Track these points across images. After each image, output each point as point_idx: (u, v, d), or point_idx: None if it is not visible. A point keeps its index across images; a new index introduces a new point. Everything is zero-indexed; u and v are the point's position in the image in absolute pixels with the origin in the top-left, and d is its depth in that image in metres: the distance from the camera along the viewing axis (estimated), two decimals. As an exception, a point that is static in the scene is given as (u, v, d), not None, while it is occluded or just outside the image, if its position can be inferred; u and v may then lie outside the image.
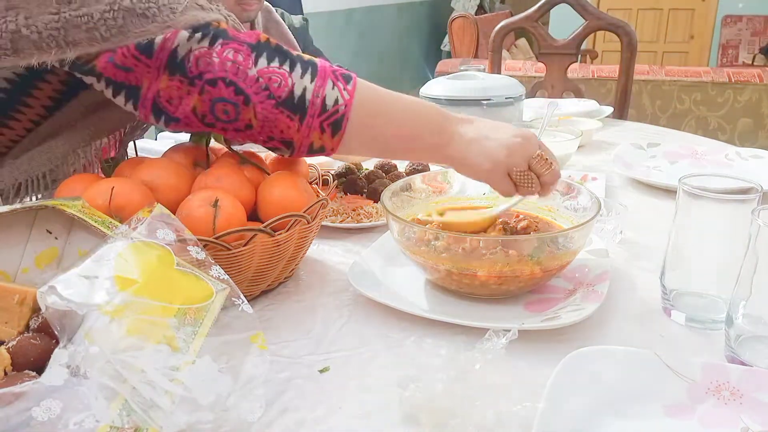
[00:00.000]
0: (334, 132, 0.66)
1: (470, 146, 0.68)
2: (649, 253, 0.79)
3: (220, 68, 0.63)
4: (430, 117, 0.69)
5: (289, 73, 0.64)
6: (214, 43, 0.63)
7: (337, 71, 0.67)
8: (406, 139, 0.70)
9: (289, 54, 0.66)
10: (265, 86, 0.63)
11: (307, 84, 0.64)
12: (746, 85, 2.69)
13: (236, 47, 0.63)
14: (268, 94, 0.64)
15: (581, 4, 1.81)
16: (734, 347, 0.55)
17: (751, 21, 5.26)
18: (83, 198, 0.56)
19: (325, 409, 0.51)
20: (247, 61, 0.63)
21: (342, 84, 0.66)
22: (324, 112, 0.65)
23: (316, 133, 0.65)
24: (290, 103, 0.64)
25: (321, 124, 0.65)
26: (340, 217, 0.90)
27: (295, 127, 0.65)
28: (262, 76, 0.63)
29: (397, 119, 0.69)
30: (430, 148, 0.70)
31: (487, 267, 0.64)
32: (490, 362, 0.50)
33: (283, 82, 0.64)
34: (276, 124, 0.65)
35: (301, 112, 0.64)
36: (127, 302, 0.43)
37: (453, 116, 0.70)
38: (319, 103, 0.64)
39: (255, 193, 0.73)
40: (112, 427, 0.37)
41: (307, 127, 0.65)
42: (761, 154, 1.18)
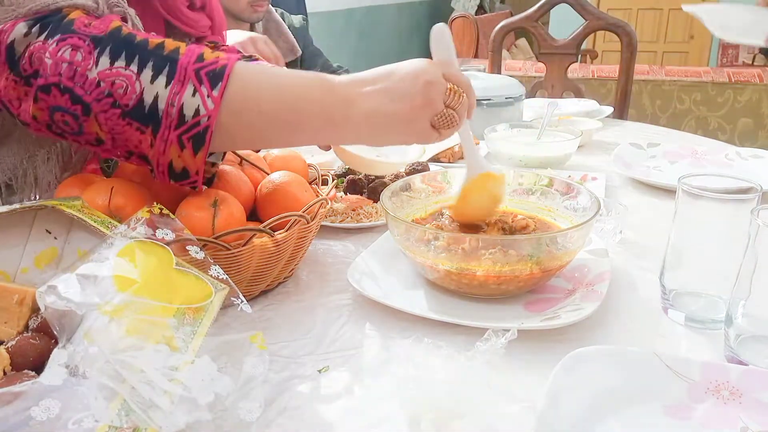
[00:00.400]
0: (196, 148, 0.55)
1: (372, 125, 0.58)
2: (648, 253, 0.79)
3: (53, 71, 0.53)
4: (317, 102, 0.57)
5: (137, 75, 0.53)
6: (52, 36, 0.54)
7: (203, 69, 0.55)
8: (291, 135, 0.60)
9: (141, 48, 0.55)
10: (107, 92, 0.53)
11: (159, 90, 0.54)
12: (746, 85, 2.69)
13: (75, 43, 0.54)
14: (112, 102, 0.53)
15: (581, 4, 1.81)
16: (734, 347, 0.55)
17: (751, 21, 5.25)
18: (83, 198, 0.56)
19: (324, 410, 0.51)
20: (87, 60, 0.53)
21: (207, 88, 0.54)
22: (182, 124, 0.54)
23: (174, 148, 0.55)
24: (139, 113, 0.54)
25: (179, 138, 0.55)
26: (340, 217, 0.90)
27: (148, 142, 0.55)
28: (104, 79, 0.53)
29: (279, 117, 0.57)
30: (324, 139, 0.62)
31: (487, 267, 0.63)
32: (489, 362, 0.50)
33: (129, 87, 0.53)
34: (126, 137, 0.55)
35: (153, 123, 0.54)
36: (126, 302, 0.43)
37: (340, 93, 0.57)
38: (175, 113, 0.54)
39: (255, 193, 0.73)
40: (111, 427, 0.37)
41: (162, 142, 0.55)
42: (761, 154, 1.18)
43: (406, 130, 0.60)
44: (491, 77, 1.57)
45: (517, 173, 0.84)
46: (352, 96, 0.57)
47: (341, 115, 0.58)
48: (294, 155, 0.84)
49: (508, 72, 2.64)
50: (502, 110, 1.38)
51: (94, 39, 0.54)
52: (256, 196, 0.73)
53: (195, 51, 0.56)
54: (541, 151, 1.16)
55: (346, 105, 0.57)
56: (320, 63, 1.93)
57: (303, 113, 0.57)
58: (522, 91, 1.43)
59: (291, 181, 0.73)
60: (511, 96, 1.40)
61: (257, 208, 0.73)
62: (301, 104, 0.57)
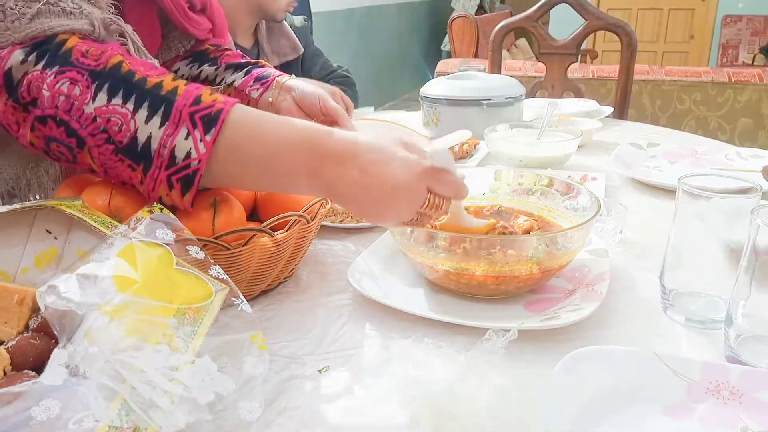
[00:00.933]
0: (184, 189, 0.56)
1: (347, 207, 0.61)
2: (648, 253, 0.79)
3: (50, 104, 0.54)
4: (303, 174, 0.57)
5: (133, 114, 0.54)
6: (49, 66, 0.54)
7: (198, 113, 0.55)
8: (274, 188, 0.64)
9: (139, 87, 0.55)
10: (102, 128, 0.54)
11: (153, 130, 0.54)
12: (746, 85, 2.69)
13: (74, 77, 0.54)
14: (107, 138, 0.54)
15: (581, 4, 1.81)
16: (734, 347, 0.55)
17: (751, 21, 5.26)
18: (83, 198, 0.56)
19: (324, 409, 0.51)
20: (85, 95, 0.54)
21: (200, 132, 0.54)
22: (172, 165, 0.55)
23: (163, 187, 0.56)
24: (131, 151, 0.55)
25: (169, 179, 0.55)
26: (340, 217, 0.90)
27: (138, 179, 0.56)
28: (100, 115, 0.54)
29: (266, 172, 0.58)
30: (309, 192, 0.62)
31: (486, 267, 0.63)
32: (489, 362, 0.50)
33: (124, 124, 0.54)
34: (117, 172, 0.56)
35: (144, 162, 0.55)
36: (126, 302, 0.43)
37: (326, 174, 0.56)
38: (167, 155, 0.55)
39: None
40: (111, 427, 0.37)
41: (152, 180, 0.56)
42: (761, 154, 1.18)
43: (370, 219, 0.63)
44: (491, 77, 1.57)
45: (517, 173, 0.84)
46: (337, 180, 0.56)
47: (323, 192, 0.59)
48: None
49: (508, 72, 2.64)
50: (502, 110, 1.38)
51: (93, 73, 0.55)
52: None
53: (193, 93, 0.56)
54: (541, 151, 1.16)
55: (330, 186, 0.57)
56: (320, 63, 1.93)
57: (289, 176, 0.58)
58: (522, 91, 1.43)
59: (291, 181, 0.73)
60: (511, 96, 1.40)
61: (257, 208, 0.73)
62: (287, 170, 0.57)
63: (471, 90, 1.39)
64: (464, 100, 1.38)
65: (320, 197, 0.65)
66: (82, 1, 0.61)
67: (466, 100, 1.38)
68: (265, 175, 0.59)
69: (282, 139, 0.57)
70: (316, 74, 1.87)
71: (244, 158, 0.57)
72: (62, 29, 0.57)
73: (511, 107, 1.40)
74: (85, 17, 0.59)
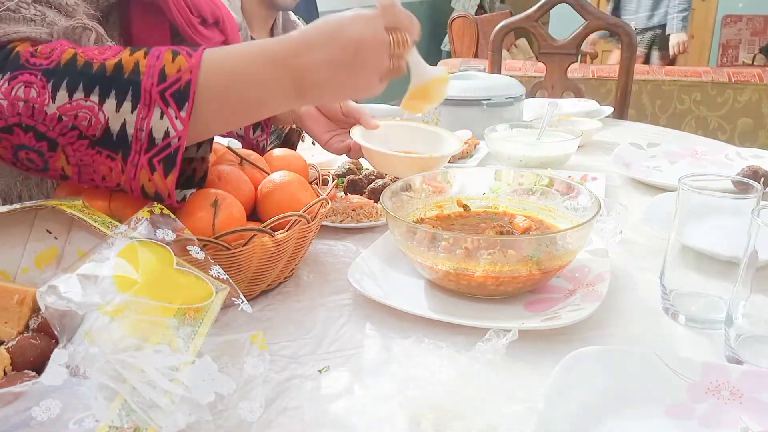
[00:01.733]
0: (167, 170, 0.55)
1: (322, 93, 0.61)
2: (648, 253, 0.79)
3: (10, 112, 0.52)
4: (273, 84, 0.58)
5: (99, 106, 0.53)
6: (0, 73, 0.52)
7: (167, 91, 0.54)
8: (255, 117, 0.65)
9: (99, 77, 0.53)
10: (71, 125, 0.53)
11: (126, 116, 0.53)
12: (746, 85, 2.69)
13: (27, 79, 0.52)
14: (78, 134, 0.53)
15: (581, 4, 1.81)
16: (734, 347, 0.55)
17: (751, 21, 5.26)
18: (83, 198, 0.56)
19: (324, 409, 0.51)
20: (42, 96, 0.52)
21: (174, 110, 0.54)
22: (152, 148, 0.54)
23: (145, 172, 0.55)
24: (108, 141, 0.53)
25: (150, 161, 0.54)
26: (340, 217, 0.90)
27: (119, 168, 0.54)
28: (66, 113, 0.52)
29: (244, 108, 0.60)
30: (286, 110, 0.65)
31: (486, 268, 0.63)
32: (490, 362, 0.50)
33: (93, 117, 0.52)
34: (95, 168, 0.55)
35: (122, 149, 0.54)
36: (126, 302, 0.43)
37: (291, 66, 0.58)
38: (145, 138, 0.54)
39: (255, 193, 0.73)
40: (112, 427, 0.37)
41: (133, 167, 0.54)
42: (761, 154, 1.18)
43: (354, 92, 0.64)
44: (491, 77, 1.57)
45: (517, 173, 0.84)
46: (301, 68, 0.58)
47: (295, 91, 0.60)
48: (294, 155, 0.85)
49: (508, 72, 2.64)
50: (502, 110, 1.38)
51: (46, 72, 0.53)
52: (256, 196, 0.73)
53: (156, 67, 0.55)
54: (541, 151, 1.16)
55: (298, 80, 0.58)
56: None
57: (263, 100, 0.60)
58: (522, 91, 1.44)
59: (291, 181, 0.73)
60: (511, 96, 1.40)
61: (257, 208, 0.73)
62: (260, 92, 0.59)
63: (471, 90, 1.39)
64: (464, 100, 1.38)
65: (299, 100, 0.63)
66: (48, 9, 0.59)
67: (466, 100, 1.38)
68: (240, 107, 0.60)
69: (247, 69, 0.58)
70: None
71: (218, 108, 0.58)
72: (17, 36, 0.55)
73: (511, 107, 1.40)
74: (46, 25, 0.58)
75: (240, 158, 0.77)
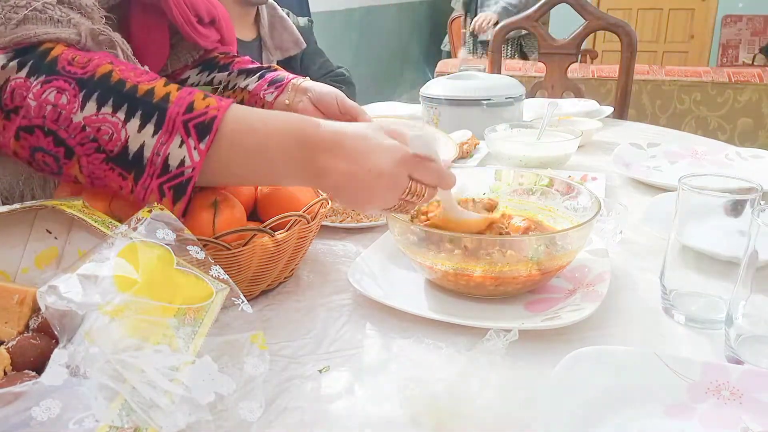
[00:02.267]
0: (176, 197, 0.56)
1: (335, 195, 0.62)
2: (648, 253, 0.79)
3: (36, 113, 0.53)
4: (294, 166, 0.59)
5: (123, 124, 0.54)
6: (34, 75, 0.53)
7: (192, 121, 0.55)
8: (266, 182, 0.67)
9: (130, 96, 0.54)
10: (92, 137, 0.53)
11: (146, 138, 0.54)
12: (746, 85, 2.69)
13: (60, 86, 0.53)
14: (97, 147, 0.54)
15: (581, 4, 1.81)
16: (734, 347, 0.55)
17: (751, 21, 5.26)
18: (83, 198, 0.56)
19: (324, 409, 0.51)
20: (72, 104, 0.53)
21: (194, 141, 0.54)
22: (165, 173, 0.55)
23: (154, 196, 0.56)
24: (123, 160, 0.54)
25: (160, 187, 0.55)
26: (340, 217, 0.90)
27: (129, 188, 0.55)
28: (90, 124, 0.53)
29: (259, 170, 0.60)
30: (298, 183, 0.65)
31: (486, 268, 0.63)
32: (490, 362, 0.50)
33: (114, 133, 0.53)
34: (106, 183, 0.56)
35: (136, 170, 0.54)
36: (126, 302, 0.43)
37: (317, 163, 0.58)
38: (160, 163, 0.54)
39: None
40: (112, 427, 0.37)
41: (143, 189, 0.55)
42: (761, 154, 1.18)
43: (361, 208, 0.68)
44: (491, 77, 1.57)
45: (517, 173, 0.84)
46: (323, 167, 0.59)
47: (312, 182, 0.62)
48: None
49: (508, 72, 2.64)
50: (502, 110, 1.38)
51: (80, 82, 0.54)
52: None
53: (185, 99, 0.56)
54: (541, 151, 1.16)
55: (318, 175, 0.59)
56: (319, 62, 1.95)
57: (280, 173, 0.60)
58: (522, 91, 1.44)
59: (291, 181, 0.73)
60: (511, 96, 1.40)
61: (257, 208, 0.73)
62: (279, 164, 0.59)
63: (471, 90, 1.39)
64: (464, 100, 1.38)
65: (309, 186, 0.66)
66: (71, 11, 0.60)
67: (466, 100, 1.38)
68: (257, 171, 0.60)
69: (273, 135, 0.58)
70: (314, 73, 1.88)
71: (237, 158, 0.58)
72: (48, 37, 0.56)
73: (511, 107, 1.40)
74: (72, 26, 0.58)
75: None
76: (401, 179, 0.59)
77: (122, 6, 0.74)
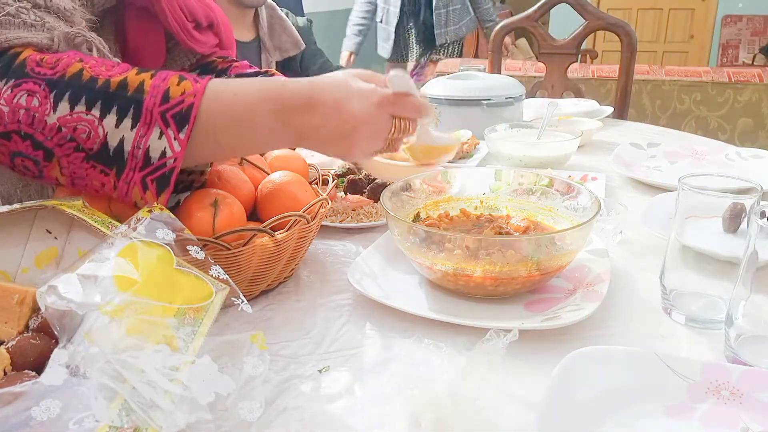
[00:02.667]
0: (160, 189, 0.55)
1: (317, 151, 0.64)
2: (648, 253, 0.79)
3: (11, 119, 0.52)
4: (273, 133, 0.60)
5: (100, 120, 0.53)
6: (3, 80, 0.53)
7: (169, 111, 0.54)
8: (246, 153, 0.69)
9: (103, 92, 0.54)
10: (69, 137, 0.53)
11: (125, 133, 0.53)
12: (746, 85, 2.69)
13: (30, 88, 0.52)
14: (75, 146, 0.53)
15: (581, 4, 1.81)
16: (734, 347, 0.55)
17: (751, 21, 5.26)
18: (83, 198, 0.56)
19: (324, 409, 0.51)
20: (44, 106, 0.52)
21: (173, 131, 0.54)
22: (147, 166, 0.54)
23: (137, 189, 0.55)
24: (103, 156, 0.54)
25: (143, 180, 0.55)
26: (340, 217, 0.90)
27: (111, 184, 0.55)
28: (65, 125, 0.53)
29: (240, 145, 0.61)
30: (282, 145, 0.67)
31: (486, 268, 0.63)
32: (490, 362, 0.50)
33: (92, 131, 0.53)
34: (87, 181, 0.55)
35: (117, 165, 0.54)
36: (126, 302, 0.43)
37: (292, 124, 0.59)
38: (141, 156, 0.54)
39: (255, 193, 0.73)
40: (112, 427, 0.37)
41: (125, 183, 0.55)
42: (761, 154, 1.18)
43: (348, 157, 0.67)
44: (491, 77, 1.57)
45: (517, 173, 0.84)
46: (302, 127, 0.59)
47: (292, 141, 0.63)
48: (294, 155, 0.85)
49: (508, 72, 2.64)
50: (502, 110, 1.38)
51: (50, 83, 0.53)
52: (256, 196, 0.73)
53: (161, 88, 0.55)
54: (541, 151, 1.16)
55: (296, 135, 0.60)
56: (319, 63, 1.95)
57: (263, 142, 0.62)
58: (522, 91, 1.44)
59: (291, 181, 0.73)
60: (511, 96, 1.40)
61: (257, 208, 0.73)
62: (260, 135, 0.60)
63: (471, 90, 1.39)
64: (464, 100, 1.38)
65: (295, 147, 0.66)
66: (47, 14, 0.59)
67: (466, 100, 1.38)
68: (240, 145, 0.62)
69: (248, 108, 0.58)
70: (314, 74, 1.88)
71: (217, 136, 0.58)
72: (19, 42, 0.55)
73: (511, 107, 1.40)
74: (46, 30, 0.57)
75: (240, 158, 0.77)
76: (383, 121, 0.61)
77: (117, 10, 0.74)
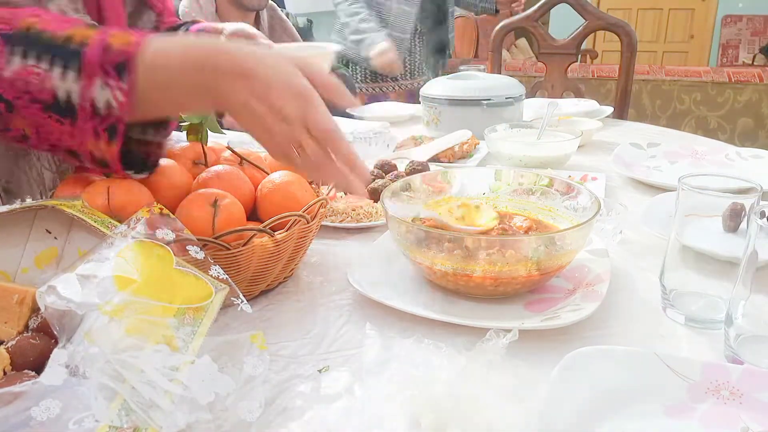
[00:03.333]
0: (110, 137, 0.57)
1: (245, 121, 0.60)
2: (648, 253, 0.79)
3: None
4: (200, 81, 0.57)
5: (48, 72, 0.54)
6: None
7: (107, 62, 0.55)
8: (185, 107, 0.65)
9: (50, 45, 0.55)
10: (25, 90, 0.55)
11: (70, 85, 0.55)
12: (746, 85, 2.69)
13: None
14: (32, 98, 0.55)
15: (581, 4, 1.81)
16: (734, 347, 0.55)
17: (751, 21, 5.26)
18: (82, 198, 0.56)
19: (324, 409, 0.51)
20: (1, 60, 0.54)
21: (114, 80, 0.55)
22: (96, 116, 0.56)
23: (91, 139, 0.57)
24: (57, 108, 0.55)
25: (95, 130, 0.56)
26: (340, 217, 0.90)
27: (68, 132, 0.56)
28: (19, 78, 0.54)
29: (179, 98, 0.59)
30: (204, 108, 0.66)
31: (485, 268, 0.63)
32: (490, 362, 0.50)
33: (43, 85, 0.55)
34: (50, 130, 0.57)
35: (71, 116, 0.56)
36: (126, 302, 0.43)
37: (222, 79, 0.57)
38: (89, 107, 0.55)
39: (255, 193, 0.73)
40: (112, 427, 0.37)
41: (80, 132, 0.56)
42: (761, 154, 1.18)
43: None
44: (491, 77, 1.57)
45: (517, 173, 0.84)
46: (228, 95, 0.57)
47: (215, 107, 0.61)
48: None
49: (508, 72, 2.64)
50: (502, 110, 1.38)
51: (5, 37, 0.55)
52: (256, 196, 0.73)
53: (102, 41, 0.56)
54: (541, 151, 1.16)
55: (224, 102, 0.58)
56: None
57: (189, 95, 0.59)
58: (522, 91, 1.44)
59: (291, 181, 0.73)
60: (511, 96, 1.40)
61: (257, 208, 0.73)
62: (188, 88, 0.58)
63: (471, 90, 1.39)
64: (464, 100, 1.39)
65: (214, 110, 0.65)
66: None
67: (466, 100, 1.38)
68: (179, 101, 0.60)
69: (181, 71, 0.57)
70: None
71: (159, 88, 0.57)
72: None
73: (511, 107, 1.40)
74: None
75: (240, 158, 0.77)
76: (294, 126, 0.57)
77: None
